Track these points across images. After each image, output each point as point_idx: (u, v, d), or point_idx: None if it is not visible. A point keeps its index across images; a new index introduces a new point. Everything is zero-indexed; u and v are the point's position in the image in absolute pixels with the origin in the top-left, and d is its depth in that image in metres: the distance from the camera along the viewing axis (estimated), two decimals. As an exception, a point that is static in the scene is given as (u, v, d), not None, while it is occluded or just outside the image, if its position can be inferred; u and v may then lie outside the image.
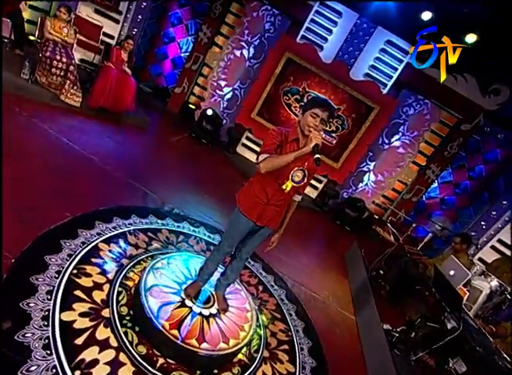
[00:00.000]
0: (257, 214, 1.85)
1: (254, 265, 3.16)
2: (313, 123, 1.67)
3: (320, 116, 1.67)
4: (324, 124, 1.71)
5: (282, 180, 1.78)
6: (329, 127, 6.00)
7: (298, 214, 5.45)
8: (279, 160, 1.66)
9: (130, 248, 2.43)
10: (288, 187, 1.79)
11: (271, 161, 1.65)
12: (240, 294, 2.43)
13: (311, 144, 1.61)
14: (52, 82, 3.80)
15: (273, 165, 1.65)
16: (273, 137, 1.72)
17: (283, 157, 1.66)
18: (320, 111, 1.67)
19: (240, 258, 2.10)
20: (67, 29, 3.91)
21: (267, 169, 1.65)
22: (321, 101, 1.73)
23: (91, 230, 2.36)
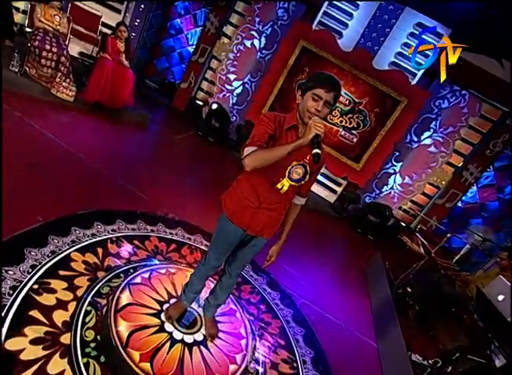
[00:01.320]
0: (246, 221, 1.58)
1: (258, 279, 2.89)
2: (314, 107, 1.38)
3: (323, 99, 1.37)
4: (329, 108, 1.42)
5: (277, 178, 1.50)
6: (349, 124, 5.66)
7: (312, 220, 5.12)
8: (270, 154, 1.36)
9: (109, 258, 2.22)
10: (285, 186, 1.51)
11: (259, 156, 1.35)
12: (234, 316, 2.16)
13: (309, 135, 1.31)
14: (43, 74, 3.71)
15: (262, 161, 1.36)
16: (264, 124, 1.43)
17: (275, 150, 1.37)
18: (323, 91, 1.36)
19: (230, 274, 1.83)
20: (59, 17, 3.82)
21: (254, 166, 1.36)
22: (324, 79, 1.40)
23: (65, 238, 2.17)
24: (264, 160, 1.36)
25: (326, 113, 1.43)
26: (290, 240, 3.95)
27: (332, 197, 6.03)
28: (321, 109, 1.38)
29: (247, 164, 1.35)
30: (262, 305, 2.60)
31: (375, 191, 5.99)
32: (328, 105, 1.40)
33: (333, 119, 5.70)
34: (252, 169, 1.35)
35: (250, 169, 1.35)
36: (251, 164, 1.35)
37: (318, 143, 1.30)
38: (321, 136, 1.31)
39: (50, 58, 3.66)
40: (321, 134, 1.30)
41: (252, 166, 1.35)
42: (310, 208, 5.34)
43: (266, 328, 2.37)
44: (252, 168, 1.35)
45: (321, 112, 1.38)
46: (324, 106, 1.38)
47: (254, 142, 1.39)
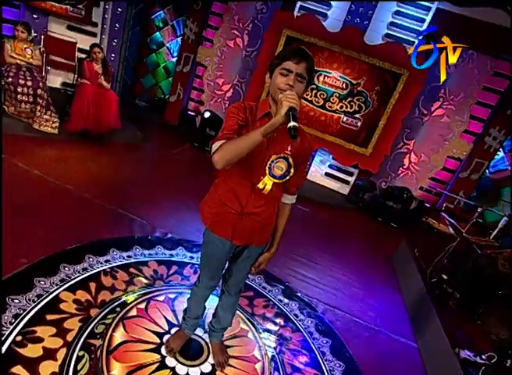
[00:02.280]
0: (230, 230, 1.41)
1: (272, 290, 2.70)
2: (284, 82, 1.20)
3: (294, 71, 1.20)
4: (303, 83, 1.24)
5: (257, 177, 1.33)
6: (350, 108, 5.43)
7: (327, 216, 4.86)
8: (241, 142, 1.16)
9: (104, 292, 2.10)
10: (267, 185, 1.33)
11: (229, 147, 1.16)
12: (246, 337, 1.99)
13: (282, 110, 1.11)
14: (22, 110, 3.71)
15: (233, 153, 1.16)
16: (233, 115, 1.27)
17: (246, 137, 1.17)
18: (292, 63, 1.20)
19: (229, 292, 1.67)
20: (31, 50, 3.81)
21: (225, 161, 1.16)
22: (291, 51, 1.25)
23: (53, 277, 2.06)
24: (236, 151, 1.15)
25: (301, 89, 1.25)
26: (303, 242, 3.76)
27: (345, 188, 5.78)
28: (294, 83, 1.20)
29: (217, 160, 1.16)
30: (279, 319, 2.41)
31: (391, 174, 5.69)
32: (301, 79, 1.22)
33: (332, 106, 5.49)
34: (224, 165, 1.17)
35: (222, 165, 1.16)
36: (221, 159, 1.16)
37: (293, 116, 1.10)
38: (297, 109, 1.11)
39: (26, 93, 3.65)
40: (295, 107, 1.11)
41: (223, 161, 1.16)
42: (322, 203, 5.14)
43: (286, 345, 2.18)
44: (223, 164, 1.16)
45: (294, 86, 1.20)
46: (296, 80, 1.20)
47: (222, 135, 1.22)
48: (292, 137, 1.09)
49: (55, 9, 4.87)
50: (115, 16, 5.64)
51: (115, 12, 5.60)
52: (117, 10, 5.61)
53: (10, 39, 3.75)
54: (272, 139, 1.29)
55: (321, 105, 5.54)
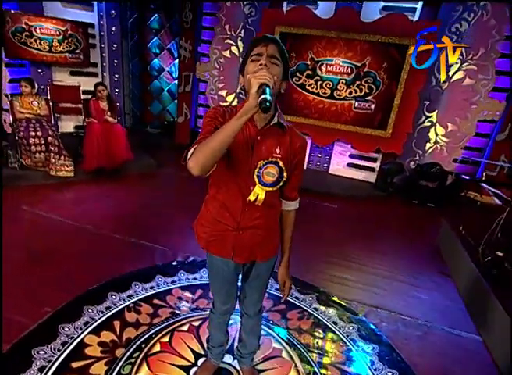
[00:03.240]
0: (228, 248, 1.29)
1: (305, 299, 2.53)
2: (256, 68, 1.06)
3: (264, 54, 1.07)
4: (279, 65, 1.10)
5: (247, 188, 1.19)
6: (360, 92, 5.16)
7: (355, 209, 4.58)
8: (212, 140, 1.00)
9: (128, 329, 2.04)
10: (260, 195, 1.18)
11: (200, 149, 1.01)
12: (280, 358, 1.83)
13: (253, 89, 0.96)
14: (37, 160, 3.85)
15: (205, 153, 1.00)
16: (210, 119, 1.15)
17: (217, 132, 1.01)
18: (261, 47, 1.08)
19: (247, 314, 1.54)
20: (37, 102, 3.98)
21: (199, 164, 1.00)
22: (256, 38, 1.13)
23: (77, 321, 2.04)
24: (209, 150, 0.99)
25: (278, 72, 1.09)
26: (335, 241, 3.54)
27: (371, 176, 5.48)
28: (268, 64, 1.06)
29: (191, 166, 1.01)
30: (317, 330, 2.23)
31: (418, 152, 5.31)
32: (275, 60, 1.08)
33: (341, 94, 5.25)
34: (200, 170, 1.01)
35: (198, 171, 1.01)
36: (196, 164, 1.00)
37: (264, 90, 0.96)
38: (270, 85, 0.97)
39: (38, 143, 3.80)
40: (267, 83, 0.96)
41: (197, 165, 1.00)
42: (350, 196, 4.88)
43: (327, 358, 2.00)
44: (199, 169, 1.01)
45: (268, 67, 1.05)
46: (269, 61, 1.06)
47: (197, 142, 1.08)
48: (263, 110, 0.94)
49: (55, 59, 5.11)
50: (112, 53, 5.81)
51: (111, 48, 5.78)
52: (113, 47, 5.78)
53: (17, 96, 3.94)
54: (256, 143, 1.16)
55: (328, 95, 5.32)
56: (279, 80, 1.11)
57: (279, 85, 1.12)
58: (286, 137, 1.20)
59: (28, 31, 4.76)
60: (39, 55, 4.92)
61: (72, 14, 5.20)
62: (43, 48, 4.91)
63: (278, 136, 1.19)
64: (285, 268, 1.41)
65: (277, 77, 1.08)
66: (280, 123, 1.18)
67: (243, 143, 1.14)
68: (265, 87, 0.96)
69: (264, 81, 0.96)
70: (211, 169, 1.06)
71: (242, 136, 1.14)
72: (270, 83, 0.97)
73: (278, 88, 1.13)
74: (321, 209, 4.46)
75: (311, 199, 4.63)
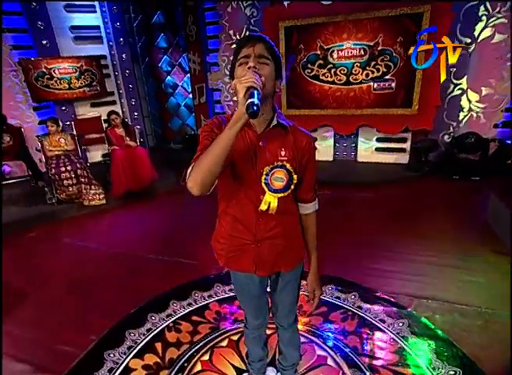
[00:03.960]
0: (249, 262, 1.22)
1: (347, 298, 2.40)
2: (244, 72, 0.98)
3: (251, 55, 0.99)
4: (269, 64, 1.02)
5: (257, 197, 1.12)
6: (378, 72, 4.91)
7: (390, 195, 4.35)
8: (208, 155, 0.94)
9: (170, 350, 2.04)
10: (272, 203, 1.10)
11: (197, 167, 0.95)
12: (326, 366, 1.74)
13: (240, 95, 0.90)
14: (70, 193, 4.06)
15: (202, 170, 0.94)
16: (206, 133, 1.09)
17: (211, 147, 0.95)
18: (247, 48, 1.00)
19: (282, 326, 1.46)
20: (63, 138, 4.19)
21: (198, 183, 0.94)
22: (242, 40, 1.05)
23: (120, 347, 2.08)
24: (206, 166, 0.94)
25: (269, 71, 1.01)
26: (373, 232, 3.36)
27: (403, 157, 5.17)
28: (256, 65, 0.98)
29: (191, 186, 0.95)
30: (363, 330, 2.10)
31: (451, 124, 4.93)
32: (264, 60, 1.00)
33: (358, 78, 5.03)
34: (201, 189, 0.95)
35: (199, 190, 0.95)
36: (195, 183, 0.94)
37: (251, 94, 0.89)
38: (258, 87, 0.90)
39: (69, 177, 4.00)
40: (254, 85, 0.89)
41: (197, 184, 0.94)
42: (383, 182, 4.64)
43: (377, 360, 1.87)
44: (200, 188, 0.95)
45: (257, 67, 0.98)
46: (257, 62, 0.99)
47: (194, 159, 1.01)
48: (250, 115, 0.87)
49: (76, 95, 5.38)
50: (127, 79, 6.02)
51: (125, 75, 5.98)
52: (126, 73, 5.98)
53: (45, 136, 4.19)
54: (258, 149, 1.08)
55: (344, 81, 5.12)
56: (270, 80, 1.03)
57: (271, 85, 1.04)
58: (290, 138, 1.12)
59: (48, 74, 5.05)
60: (61, 94, 5.21)
61: (84, 50, 5.45)
62: (63, 86, 5.19)
63: (281, 137, 1.11)
64: (314, 275, 1.33)
65: (268, 77, 1.01)
66: (281, 124, 1.11)
67: (244, 151, 1.08)
68: (253, 91, 0.89)
69: (250, 84, 0.89)
70: (212, 187, 0.99)
71: (243, 144, 1.08)
72: (257, 86, 0.90)
73: (271, 88, 1.05)
74: (354, 200, 4.28)
75: (342, 192, 4.47)
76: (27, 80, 4.91)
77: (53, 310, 2.50)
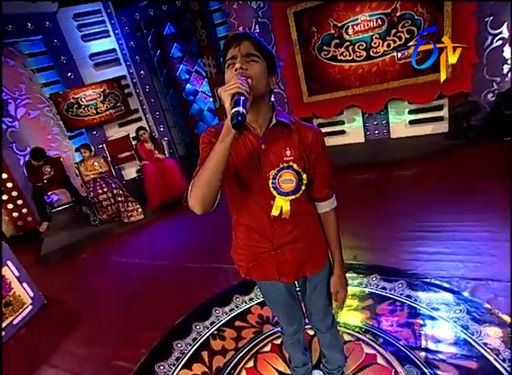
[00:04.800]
0: (273, 270, 1.17)
1: (393, 287, 2.25)
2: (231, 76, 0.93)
3: (238, 55, 0.94)
4: (258, 62, 0.95)
5: (267, 203, 1.06)
6: (400, 40, 4.58)
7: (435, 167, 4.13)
8: (203, 172, 0.91)
9: (217, 358, 2.05)
10: (284, 207, 1.04)
11: (195, 185, 0.93)
12: (376, 365, 1.63)
13: (227, 104, 0.84)
14: (110, 213, 4.27)
15: (201, 187, 0.91)
16: (204, 146, 1.04)
17: (206, 163, 0.91)
18: (233, 49, 0.95)
19: (320, 330, 1.39)
20: (97, 162, 4.42)
21: (199, 201, 0.92)
22: (227, 40, 0.99)
23: (169, 359, 2.13)
24: (203, 183, 0.91)
25: (259, 69, 0.95)
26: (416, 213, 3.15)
27: (441, 126, 4.77)
28: (244, 65, 0.93)
29: (192, 205, 0.93)
30: (415, 322, 1.95)
31: (494, 80, 4.44)
32: (252, 58, 0.94)
33: (379, 50, 4.72)
34: (203, 207, 0.92)
35: (201, 208, 0.92)
36: (195, 202, 0.92)
37: (236, 102, 0.83)
38: (244, 92, 0.84)
39: (107, 198, 4.21)
40: (240, 91, 0.83)
41: (197, 203, 0.92)
42: (423, 155, 4.32)
43: (434, 353, 1.72)
44: (201, 206, 0.92)
45: (245, 68, 0.92)
46: (245, 61, 0.93)
47: (194, 175, 0.97)
48: (235, 127, 0.81)
49: (103, 119, 5.65)
50: (148, 94, 6.21)
51: (146, 90, 6.18)
52: (146, 88, 6.17)
53: (81, 162, 4.45)
54: (262, 152, 1.02)
55: (364, 56, 4.83)
56: (262, 79, 0.96)
57: (264, 84, 0.97)
58: (294, 135, 1.04)
59: (76, 103, 5.36)
60: (90, 120, 5.51)
61: (105, 74, 5.71)
62: (91, 112, 5.48)
63: (284, 136, 1.04)
64: (337, 276, 1.24)
65: (258, 76, 0.94)
66: (282, 122, 1.03)
67: (247, 157, 1.02)
68: (238, 98, 0.83)
69: (234, 91, 0.83)
70: (215, 202, 0.95)
71: (244, 150, 1.03)
72: (243, 90, 0.84)
73: (264, 87, 0.98)
74: (392, 180, 4.03)
75: (378, 172, 4.23)
76: (59, 113, 5.24)
77: (106, 327, 2.63)
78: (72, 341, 2.57)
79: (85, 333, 2.63)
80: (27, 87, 5.11)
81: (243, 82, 0.85)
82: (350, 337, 1.87)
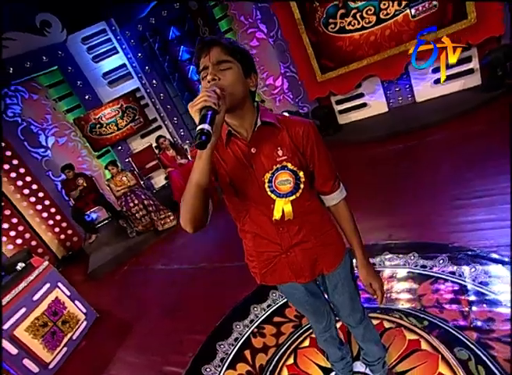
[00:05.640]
0: (287, 272, 1.14)
1: (434, 264, 2.11)
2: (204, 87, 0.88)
3: (208, 64, 0.89)
4: (232, 67, 0.90)
5: (268, 208, 1.02)
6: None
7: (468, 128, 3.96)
8: (187, 191, 0.89)
9: (259, 356, 2.06)
10: (286, 209, 1.00)
11: (182, 204, 0.91)
12: (420, 351, 1.54)
13: (196, 119, 0.79)
14: (145, 224, 4.43)
15: (187, 207, 0.89)
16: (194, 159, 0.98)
17: (188, 181, 0.89)
18: (203, 58, 0.91)
19: (351, 325, 1.35)
20: (125, 177, 4.59)
21: (188, 220, 0.90)
22: (197, 49, 0.94)
23: (215, 360, 2.18)
24: (189, 203, 0.88)
25: (234, 76, 0.90)
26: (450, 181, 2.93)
27: (473, 79, 4.35)
28: (216, 75, 0.88)
29: (184, 225, 0.92)
30: (464, 299, 1.81)
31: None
32: (224, 64, 0.89)
33: (390, 12, 4.38)
34: (193, 226, 0.91)
35: (192, 227, 0.91)
36: (185, 222, 0.91)
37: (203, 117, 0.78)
38: (211, 103, 0.79)
39: (139, 209, 4.36)
40: (207, 104, 0.79)
41: (187, 223, 0.90)
42: (454, 115, 4.00)
43: (485, 334, 1.59)
44: (192, 225, 0.91)
45: (218, 78, 0.88)
46: (217, 70, 0.89)
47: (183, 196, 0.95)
48: (198, 146, 0.77)
49: (125, 133, 5.84)
50: (163, 102, 6.31)
51: (160, 98, 6.27)
52: (160, 96, 6.27)
53: (110, 179, 4.64)
54: (252, 157, 0.98)
55: (375, 21, 4.52)
56: (238, 84, 0.91)
57: (241, 89, 0.92)
58: (283, 133, 1.00)
59: (98, 123, 5.58)
60: (113, 137, 5.72)
61: (119, 89, 5.87)
62: (113, 129, 5.68)
63: (273, 137, 0.99)
64: (364, 268, 1.18)
65: (234, 82, 0.90)
66: (267, 122, 0.98)
67: (239, 165, 0.99)
68: (205, 113, 0.78)
69: (200, 105, 0.79)
70: (207, 218, 0.94)
71: (234, 157, 0.99)
72: (210, 103, 0.79)
73: (242, 92, 0.93)
74: (423, 148, 3.77)
75: (406, 143, 3.98)
76: (84, 135, 5.50)
77: (155, 333, 2.76)
78: (125, 349, 2.72)
79: (136, 341, 2.77)
80: (53, 117, 5.40)
81: (210, 93, 0.80)
82: (390, 324, 1.79)
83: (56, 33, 5.27)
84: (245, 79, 0.94)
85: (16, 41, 4.97)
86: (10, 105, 5.06)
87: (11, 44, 4.92)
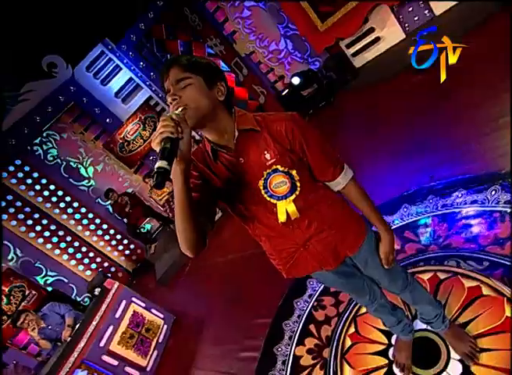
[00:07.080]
0: (311, 262, 1.13)
1: (486, 197, 1.93)
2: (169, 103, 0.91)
3: (169, 85, 0.89)
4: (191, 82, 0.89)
5: (271, 212, 1.02)
6: None
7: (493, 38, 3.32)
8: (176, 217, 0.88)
9: (324, 327, 2.10)
10: (289, 209, 1.00)
11: (176, 229, 0.91)
12: (482, 297, 1.44)
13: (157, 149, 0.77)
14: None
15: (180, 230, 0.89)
16: None
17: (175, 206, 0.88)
18: (165, 81, 0.91)
19: (396, 293, 1.33)
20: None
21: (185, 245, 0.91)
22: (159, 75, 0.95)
23: (284, 339, 2.26)
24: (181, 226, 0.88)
25: (193, 91, 0.88)
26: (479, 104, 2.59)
27: None
28: (176, 93, 0.88)
29: (184, 250, 0.94)
30: None
31: None
32: (184, 82, 0.88)
33: None
34: (192, 250, 0.92)
35: (191, 251, 0.92)
36: (183, 247, 0.92)
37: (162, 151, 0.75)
38: (169, 133, 0.76)
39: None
40: (165, 135, 0.76)
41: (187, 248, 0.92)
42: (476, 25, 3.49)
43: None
44: (191, 249, 0.92)
45: (180, 96, 0.87)
46: (178, 89, 0.88)
47: None
48: (154, 186, 0.77)
49: (152, 142, 6.05)
50: (177, 102, 6.37)
51: (173, 100, 6.34)
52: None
53: (151, 190, 4.88)
54: (241, 167, 0.96)
55: None
56: (201, 97, 0.89)
57: (206, 102, 0.90)
58: (265, 135, 0.96)
59: (125, 141, 5.85)
60: (142, 150, 5.98)
61: (134, 103, 6.05)
62: (139, 143, 5.93)
63: (256, 141, 0.96)
64: (385, 245, 1.14)
65: (195, 97, 0.88)
66: (245, 129, 0.95)
67: (231, 177, 0.98)
68: (163, 146, 0.76)
69: (158, 139, 0.76)
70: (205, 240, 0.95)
71: (225, 171, 0.98)
72: (167, 132, 0.76)
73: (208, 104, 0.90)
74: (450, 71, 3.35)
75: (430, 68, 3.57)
76: (117, 156, 5.81)
77: (227, 323, 2.94)
78: (204, 343, 2.95)
79: (212, 333, 2.99)
80: (85, 149, 5.78)
81: (165, 122, 0.77)
82: (445, 275, 1.69)
83: (63, 71, 5.51)
84: (209, 90, 0.92)
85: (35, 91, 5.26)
86: (47, 150, 5.50)
87: (31, 96, 5.25)
